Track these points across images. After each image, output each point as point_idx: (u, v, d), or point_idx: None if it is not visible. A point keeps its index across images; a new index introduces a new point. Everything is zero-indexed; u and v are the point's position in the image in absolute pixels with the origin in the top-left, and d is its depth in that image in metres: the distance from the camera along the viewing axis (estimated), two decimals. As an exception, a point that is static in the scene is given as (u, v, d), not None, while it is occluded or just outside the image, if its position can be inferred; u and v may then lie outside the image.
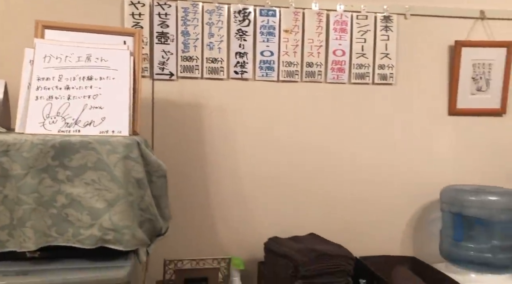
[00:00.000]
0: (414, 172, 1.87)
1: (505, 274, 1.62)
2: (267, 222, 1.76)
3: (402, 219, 1.87)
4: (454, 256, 1.69)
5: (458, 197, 1.68)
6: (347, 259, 1.40)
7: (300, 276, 1.35)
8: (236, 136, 1.75)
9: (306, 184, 1.80)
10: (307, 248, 1.43)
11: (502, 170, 1.90)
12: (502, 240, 1.60)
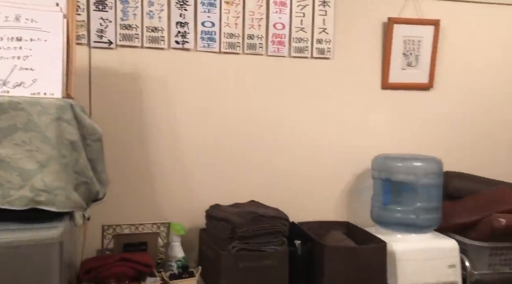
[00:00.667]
0: (349, 143, 1.97)
1: (427, 233, 1.77)
2: (208, 191, 1.80)
3: (338, 187, 1.98)
4: (383, 219, 1.82)
5: (387, 164, 1.81)
6: (282, 220, 1.48)
7: (237, 237, 1.41)
8: (177, 106, 1.76)
9: (247, 153, 1.86)
10: (244, 211, 1.50)
11: (430, 140, 2.05)
12: (425, 202, 1.74)
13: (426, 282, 1.68)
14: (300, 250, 1.57)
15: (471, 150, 2.10)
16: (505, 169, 2.09)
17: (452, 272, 1.70)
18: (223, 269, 1.39)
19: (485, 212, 1.76)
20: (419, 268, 1.67)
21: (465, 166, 2.04)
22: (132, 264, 1.25)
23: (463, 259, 1.74)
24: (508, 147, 2.13)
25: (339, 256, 1.54)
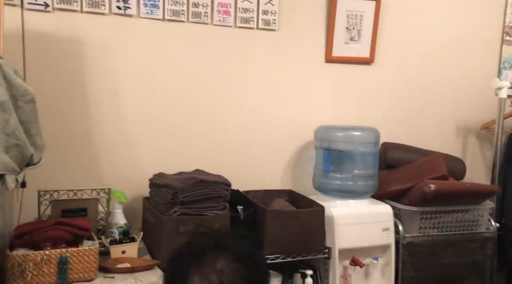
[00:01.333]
0: (293, 114, 2.02)
1: (364, 199, 1.86)
2: (153, 160, 1.80)
3: (282, 157, 2.04)
4: (324, 186, 1.90)
5: (328, 134, 1.88)
6: (223, 186, 1.51)
7: (179, 202, 1.43)
8: (120, 74, 1.73)
9: (193, 123, 1.86)
10: (186, 177, 1.51)
11: (370, 112, 2.14)
12: (362, 169, 1.83)
13: (362, 244, 1.78)
14: (242, 215, 1.62)
15: (408, 122, 2.21)
16: (437, 140, 2.23)
17: (386, 235, 1.81)
18: (165, 233, 1.41)
19: (417, 180, 1.88)
20: (356, 231, 1.77)
21: (402, 137, 2.15)
22: (69, 228, 1.23)
23: (397, 223, 1.86)
24: (440, 121, 2.27)
25: (279, 220, 1.59)
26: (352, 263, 1.76)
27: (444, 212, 1.89)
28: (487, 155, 2.32)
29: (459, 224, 1.93)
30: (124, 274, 1.29)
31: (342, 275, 1.78)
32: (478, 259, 1.97)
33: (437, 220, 1.90)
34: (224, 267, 0.69)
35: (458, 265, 1.93)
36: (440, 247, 1.89)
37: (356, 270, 1.80)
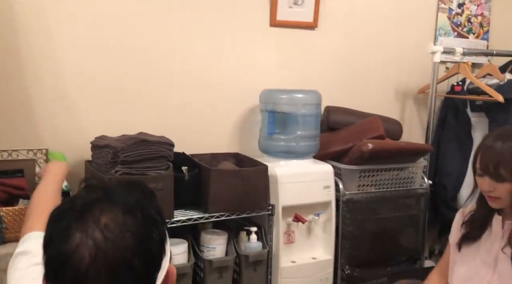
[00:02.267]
0: (240, 78, 2.04)
1: (306, 160, 1.94)
2: (95, 123, 1.76)
3: (229, 121, 2.06)
4: (269, 148, 1.95)
5: (272, 96, 1.92)
6: (166, 145, 1.52)
7: (120, 162, 1.43)
8: (57, 34, 1.67)
9: (136, 86, 1.84)
10: (127, 137, 1.51)
11: (313, 76, 2.19)
12: (304, 130, 1.89)
13: (304, 201, 1.86)
14: (187, 176, 1.64)
15: (349, 86, 2.29)
16: (377, 103, 2.32)
17: (326, 192, 1.90)
18: (106, 192, 1.40)
19: (356, 140, 1.98)
20: (298, 189, 1.84)
21: (344, 101, 2.23)
22: (3, 187, 1.21)
23: (337, 182, 1.95)
24: (380, 85, 2.37)
25: (223, 179, 1.63)
26: (295, 220, 1.84)
27: (381, 170, 2.00)
28: (423, 118, 2.46)
29: (395, 181, 2.06)
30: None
31: (286, 231, 1.87)
32: (412, 213, 2.12)
33: (375, 178, 2.01)
34: (109, 221, 0.61)
35: (394, 219, 2.07)
36: (377, 203, 2.01)
37: (299, 226, 1.89)
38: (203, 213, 1.63)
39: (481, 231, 1.44)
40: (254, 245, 1.73)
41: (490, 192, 1.31)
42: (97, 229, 0.60)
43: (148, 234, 0.64)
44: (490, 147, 1.31)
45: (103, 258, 0.59)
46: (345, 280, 1.98)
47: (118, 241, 0.60)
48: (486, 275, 1.41)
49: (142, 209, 0.65)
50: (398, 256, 2.13)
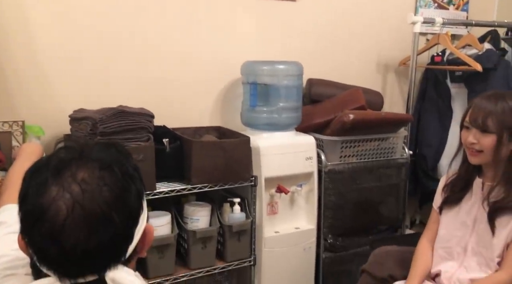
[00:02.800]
0: (220, 51, 2.02)
1: (288, 131, 1.94)
2: (73, 97, 1.73)
3: (211, 94, 2.05)
4: (251, 120, 1.95)
5: (253, 68, 1.91)
6: (146, 117, 1.50)
7: (99, 133, 1.41)
8: (32, 8, 1.62)
9: (115, 59, 1.80)
10: (107, 109, 1.48)
11: (295, 48, 2.17)
12: (286, 102, 1.89)
13: (287, 173, 1.87)
14: (168, 148, 1.63)
15: (331, 59, 2.28)
16: (359, 76, 2.33)
17: (309, 163, 1.92)
18: (86, 164, 1.39)
19: (338, 111, 1.98)
20: (281, 161, 1.85)
21: (326, 73, 2.23)
22: (-21, 159, 1.18)
23: (319, 153, 1.97)
24: (362, 57, 2.37)
25: (206, 150, 1.63)
26: (278, 191, 1.86)
27: (363, 140, 2.02)
28: (404, 90, 2.48)
29: (376, 152, 2.09)
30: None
31: (269, 202, 1.88)
32: (393, 183, 2.16)
33: (356, 148, 2.03)
34: (86, 176, 0.61)
35: (375, 189, 2.10)
36: (359, 173, 2.04)
37: (282, 198, 1.91)
38: (186, 185, 1.63)
39: (462, 194, 1.49)
40: (237, 216, 1.75)
41: (474, 145, 1.37)
42: (74, 183, 0.60)
43: (126, 189, 0.64)
44: (482, 103, 1.37)
45: (80, 210, 0.59)
46: (328, 249, 2.01)
47: (95, 194, 0.60)
48: (464, 236, 1.45)
49: (119, 165, 0.65)
50: (380, 225, 2.17)
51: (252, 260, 1.78)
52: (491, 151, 1.34)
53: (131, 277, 0.68)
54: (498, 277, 1.34)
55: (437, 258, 1.51)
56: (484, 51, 2.15)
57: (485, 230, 1.39)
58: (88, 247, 0.60)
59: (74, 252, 0.59)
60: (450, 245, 1.48)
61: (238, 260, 1.75)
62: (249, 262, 1.78)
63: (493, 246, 1.37)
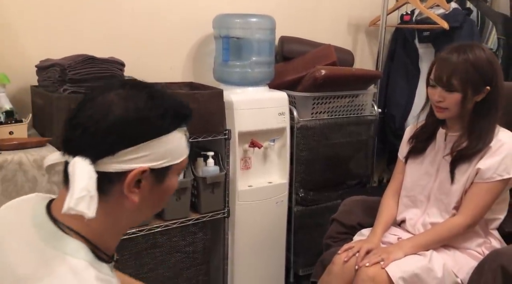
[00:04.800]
0: (192, 5, 1.98)
1: (261, 87, 1.95)
2: (39, 49, 1.66)
3: (182, 50, 2.02)
4: (224, 76, 1.94)
5: (226, 21, 1.89)
6: (117, 64, 1.47)
7: (68, 80, 1.37)
8: None
9: (83, 9, 1.74)
10: (75, 55, 1.44)
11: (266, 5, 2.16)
12: (259, 56, 1.89)
13: (260, 128, 1.89)
14: (140, 99, 1.60)
15: (303, 17, 2.29)
16: (330, 35, 2.34)
17: (281, 119, 1.94)
18: (55, 111, 1.36)
19: (310, 68, 2.00)
20: (254, 115, 1.86)
21: (299, 32, 2.24)
22: None
23: (292, 110, 1.99)
24: (333, 17, 2.38)
25: (178, 102, 1.62)
26: (251, 145, 1.87)
27: (334, 97, 2.06)
28: (374, 50, 2.52)
29: (347, 109, 2.13)
30: (13, 151, 1.24)
31: (242, 157, 1.90)
32: (362, 139, 2.22)
33: (327, 105, 2.07)
34: (122, 91, 0.72)
35: (345, 145, 2.16)
36: (329, 130, 2.09)
37: (255, 153, 1.93)
38: (159, 137, 1.62)
39: (427, 144, 1.54)
40: (211, 168, 1.76)
41: (440, 103, 1.40)
42: (112, 94, 0.72)
43: (147, 117, 0.71)
44: (445, 59, 1.38)
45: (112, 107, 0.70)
46: (299, 203, 2.07)
47: (128, 101, 0.71)
48: (428, 184, 1.52)
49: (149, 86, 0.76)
50: (349, 181, 2.24)
51: (225, 212, 1.81)
52: (456, 107, 1.38)
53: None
54: (455, 220, 1.41)
55: (402, 207, 1.58)
56: (451, 10, 2.21)
57: (446, 178, 1.46)
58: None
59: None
60: (414, 194, 1.54)
61: (212, 212, 1.77)
62: (223, 214, 1.81)
63: (452, 193, 1.44)
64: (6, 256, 0.69)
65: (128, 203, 0.72)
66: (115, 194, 0.71)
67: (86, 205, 0.66)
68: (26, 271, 0.66)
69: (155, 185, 0.74)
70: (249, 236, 1.92)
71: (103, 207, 0.70)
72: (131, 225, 0.79)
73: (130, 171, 0.70)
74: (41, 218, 0.72)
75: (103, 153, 0.69)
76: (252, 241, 1.93)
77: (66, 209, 0.66)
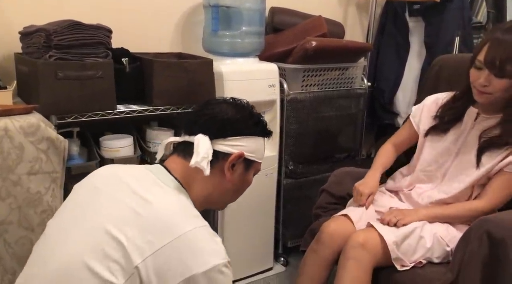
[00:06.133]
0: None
1: (251, 58, 1.92)
2: (22, 14, 1.61)
3: (171, 19, 1.97)
4: (213, 46, 1.91)
5: (215, -11, 1.84)
6: (104, 31, 1.43)
7: (54, 46, 1.33)
8: None
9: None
10: (61, 21, 1.40)
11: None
12: (249, 26, 1.86)
13: (250, 99, 1.84)
14: (128, 68, 1.57)
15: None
16: (321, 7, 2.31)
17: (272, 91, 1.92)
18: (41, 78, 1.32)
19: (301, 39, 1.98)
20: (244, 87, 1.84)
21: (287, 3, 2.20)
22: None
23: (282, 82, 1.97)
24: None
25: (168, 71, 1.58)
26: (241, 117, 1.86)
27: (324, 69, 2.05)
28: (365, 24, 2.51)
29: (337, 82, 2.12)
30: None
31: (232, 129, 1.89)
32: (352, 112, 2.22)
33: (317, 78, 2.06)
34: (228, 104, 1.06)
35: (335, 118, 2.16)
36: (319, 103, 2.08)
37: (245, 125, 1.92)
38: (148, 107, 1.60)
39: (453, 123, 1.45)
40: (201, 140, 1.74)
41: (485, 87, 1.28)
42: (223, 104, 1.05)
43: (248, 120, 1.05)
44: (500, 41, 1.24)
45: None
46: (289, 175, 2.08)
47: (237, 109, 1.06)
48: (445, 162, 1.46)
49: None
50: (338, 154, 2.26)
51: (215, 184, 1.81)
52: (501, 93, 1.28)
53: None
54: (476, 203, 1.38)
55: (414, 179, 1.53)
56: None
57: (468, 160, 1.39)
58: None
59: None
60: (431, 169, 1.49)
61: (202, 183, 1.77)
62: (213, 185, 1.81)
63: (472, 176, 1.38)
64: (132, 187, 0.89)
65: (223, 181, 0.99)
66: (216, 171, 0.97)
67: (206, 164, 0.93)
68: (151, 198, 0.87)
69: (242, 173, 1.02)
70: (238, 208, 1.92)
71: (205, 179, 0.95)
72: (216, 204, 1.06)
73: (232, 154, 0.98)
74: (156, 169, 0.97)
75: (218, 136, 0.97)
76: (242, 213, 1.94)
77: (194, 163, 0.92)
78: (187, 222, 0.83)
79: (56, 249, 0.84)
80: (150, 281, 0.78)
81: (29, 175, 1.22)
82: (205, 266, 0.80)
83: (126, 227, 0.81)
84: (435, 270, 1.33)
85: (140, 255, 0.78)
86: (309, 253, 1.49)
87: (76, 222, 0.86)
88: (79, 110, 1.40)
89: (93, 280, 0.77)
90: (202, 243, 0.82)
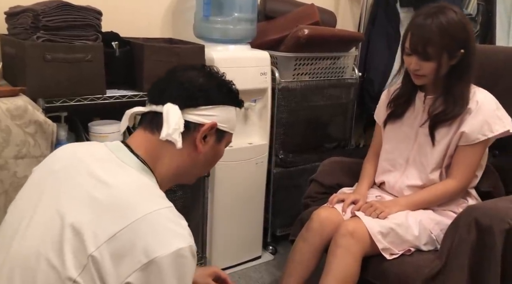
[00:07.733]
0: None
1: (243, 44, 1.91)
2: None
3: (161, 4, 1.94)
4: (205, 32, 1.88)
5: (207, -27, 1.81)
6: (93, 13, 1.39)
7: (41, 27, 1.29)
8: None
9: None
10: (49, 1, 1.35)
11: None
12: (241, 12, 1.84)
13: (241, 87, 1.83)
14: (118, 52, 1.54)
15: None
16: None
17: (263, 79, 1.91)
18: (29, 60, 1.28)
19: (293, 27, 1.96)
20: (235, 74, 1.75)
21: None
22: None
23: (273, 70, 1.96)
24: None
25: (158, 55, 1.56)
26: (232, 104, 1.84)
27: (316, 58, 2.04)
28: (357, 14, 2.50)
29: (328, 71, 2.12)
30: (-17, 100, 1.18)
31: (223, 117, 1.88)
32: (342, 102, 2.23)
33: (309, 67, 2.05)
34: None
35: (325, 107, 2.16)
36: (310, 92, 2.08)
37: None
38: (138, 92, 1.57)
39: (405, 108, 1.55)
40: (191, 127, 1.73)
41: (417, 71, 1.39)
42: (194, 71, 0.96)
43: (222, 87, 0.97)
44: (419, 25, 1.35)
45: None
46: (279, 164, 2.08)
47: (211, 77, 0.97)
48: (407, 147, 1.53)
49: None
50: (328, 143, 2.26)
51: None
52: (433, 74, 1.38)
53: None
54: (449, 183, 1.44)
55: (381, 170, 1.60)
56: (434, -26, 2.19)
57: (425, 141, 1.47)
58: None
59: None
60: (393, 157, 1.56)
61: (192, 170, 1.75)
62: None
63: (432, 155, 1.45)
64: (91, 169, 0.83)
65: (194, 153, 0.91)
66: (187, 143, 0.89)
67: (177, 136, 0.85)
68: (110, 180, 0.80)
69: (214, 144, 0.94)
70: (228, 196, 1.92)
71: (175, 153, 0.88)
72: (186, 178, 0.97)
73: (204, 124, 0.90)
74: (116, 146, 0.89)
75: (189, 105, 0.89)
76: (231, 201, 1.93)
77: (165, 135, 0.85)
78: (149, 204, 0.77)
79: (15, 240, 0.79)
80: (106, 270, 0.72)
81: (16, 159, 1.19)
82: (167, 249, 0.73)
83: (82, 213, 0.75)
84: (423, 257, 1.35)
85: (95, 243, 0.72)
86: (299, 241, 1.49)
87: (34, 210, 0.81)
88: (67, 93, 1.37)
89: (51, 273, 0.73)
90: (165, 225, 0.76)
